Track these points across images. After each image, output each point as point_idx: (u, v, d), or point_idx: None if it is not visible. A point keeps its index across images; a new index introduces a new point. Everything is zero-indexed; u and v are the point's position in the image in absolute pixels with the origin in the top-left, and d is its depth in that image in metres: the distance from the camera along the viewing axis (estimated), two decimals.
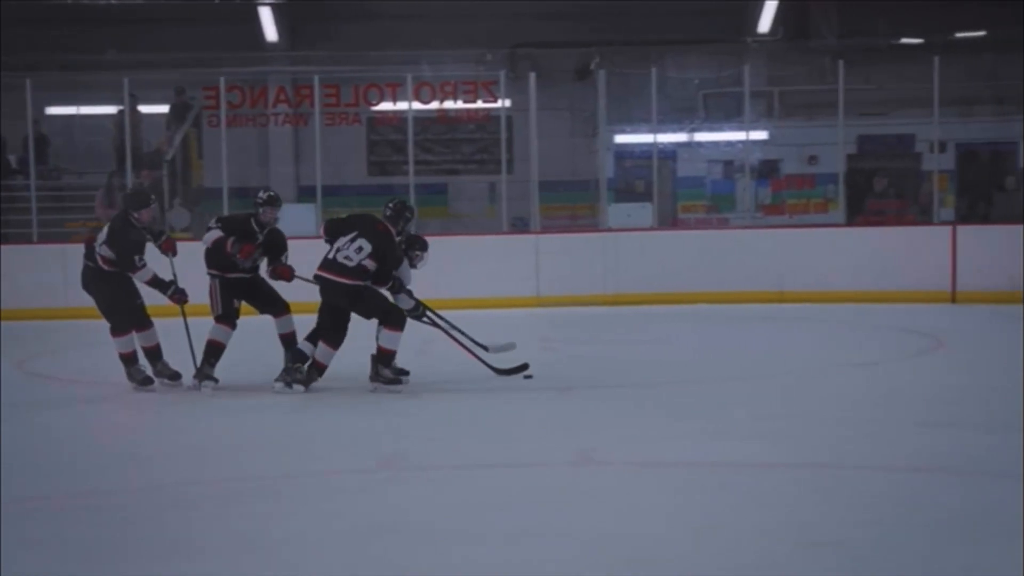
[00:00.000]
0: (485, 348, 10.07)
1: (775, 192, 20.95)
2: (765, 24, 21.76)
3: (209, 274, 9.97)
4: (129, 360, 9.97)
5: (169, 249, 9.98)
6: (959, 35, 21.53)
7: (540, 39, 20.94)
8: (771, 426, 8.24)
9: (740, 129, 18.06)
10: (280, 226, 10.11)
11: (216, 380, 9.82)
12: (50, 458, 7.68)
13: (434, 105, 19.31)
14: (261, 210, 10.03)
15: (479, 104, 19.20)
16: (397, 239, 9.70)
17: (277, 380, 9.65)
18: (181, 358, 9.96)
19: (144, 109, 19.21)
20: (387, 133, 20.26)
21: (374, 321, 9.57)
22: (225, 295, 9.92)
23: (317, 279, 9.65)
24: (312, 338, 9.75)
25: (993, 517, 5.92)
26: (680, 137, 20.54)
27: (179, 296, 9.83)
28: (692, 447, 7.63)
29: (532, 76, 17.14)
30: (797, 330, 13.92)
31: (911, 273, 15.96)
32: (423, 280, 10.02)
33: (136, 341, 9.93)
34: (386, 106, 19.79)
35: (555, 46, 20.91)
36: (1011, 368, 10.43)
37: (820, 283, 16.06)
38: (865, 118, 19.85)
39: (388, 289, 9.67)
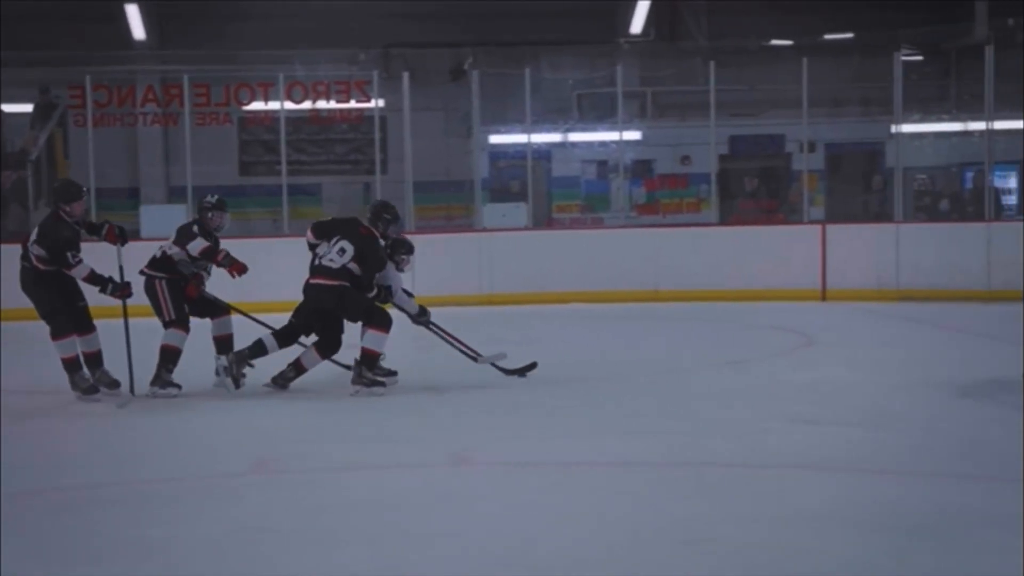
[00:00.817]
0: (475, 359, 9.99)
1: (649, 192, 21.14)
2: (637, 25, 21.91)
3: (155, 276, 9.61)
4: (72, 366, 9.41)
5: (115, 239, 9.50)
6: (828, 37, 21.89)
7: (413, 39, 20.87)
8: (645, 424, 8.27)
9: (614, 129, 18.17)
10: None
11: (179, 387, 9.53)
12: None
13: (306, 105, 19.16)
14: (210, 215, 9.80)
15: (352, 104, 19.11)
16: (381, 242, 9.63)
17: (266, 384, 9.58)
18: (119, 363, 9.57)
19: (7, 108, 18.73)
20: (259, 133, 20.04)
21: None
22: (176, 298, 9.63)
23: (305, 287, 9.57)
24: (281, 338, 9.65)
25: (859, 511, 5.99)
26: (554, 137, 20.61)
27: (122, 292, 9.34)
28: (566, 446, 7.63)
29: (405, 76, 17.04)
30: (671, 329, 14.00)
31: (782, 272, 16.15)
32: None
33: (78, 346, 9.42)
34: (257, 106, 19.57)
35: (429, 46, 20.85)
36: (878, 365, 10.63)
37: (693, 282, 16.19)
38: (736, 118, 20.11)
39: (377, 298, 9.58)
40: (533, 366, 9.99)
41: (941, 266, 15.54)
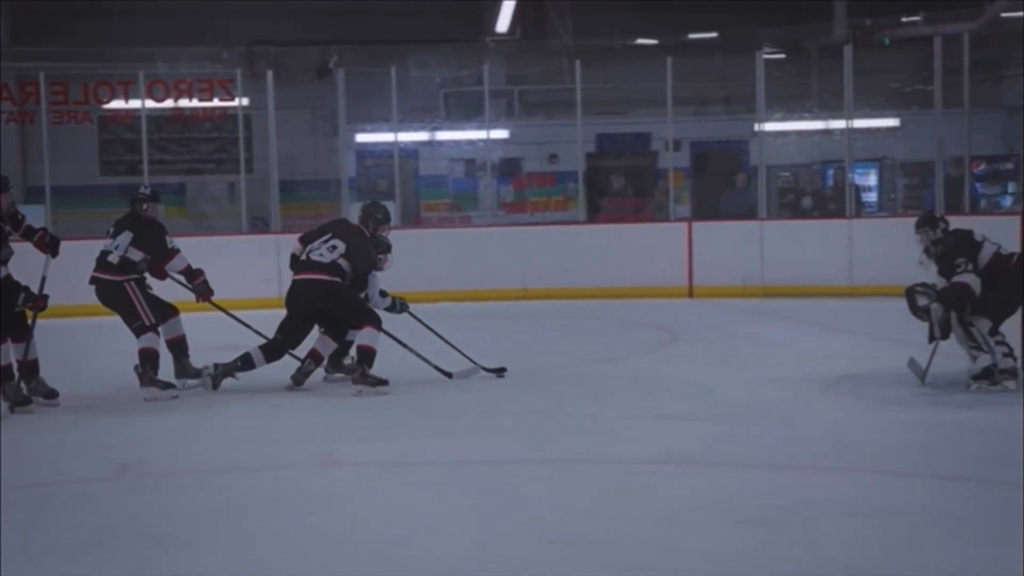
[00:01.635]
0: (449, 375, 9.84)
1: (517, 190, 21.18)
2: (503, 24, 21.94)
3: (125, 280, 9.34)
4: (4, 375, 8.81)
5: (44, 247, 9.09)
6: (692, 36, 22.14)
7: (277, 37, 20.64)
8: (512, 423, 8.27)
9: (481, 128, 18.15)
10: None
11: (175, 386, 9.39)
12: None
13: (168, 104, 18.81)
14: (145, 207, 9.59)
15: (215, 103, 18.82)
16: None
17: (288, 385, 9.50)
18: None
19: None
20: (120, 132, 19.63)
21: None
22: (147, 300, 9.41)
23: (292, 285, 9.48)
24: (269, 352, 9.55)
25: (724, 505, 6.04)
26: (422, 136, 20.55)
27: (35, 303, 8.76)
28: (434, 446, 7.59)
29: (270, 74, 16.84)
30: (541, 327, 14.01)
31: (649, 269, 16.26)
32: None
33: (11, 353, 8.88)
34: (118, 104, 19.17)
35: (293, 44, 20.64)
36: (743, 361, 10.74)
37: (562, 280, 16.23)
38: (603, 117, 20.22)
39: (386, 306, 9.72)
40: (503, 369, 9.93)
41: (804, 262, 15.75)
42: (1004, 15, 20.40)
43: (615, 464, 7.08)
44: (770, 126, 18.00)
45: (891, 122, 20.72)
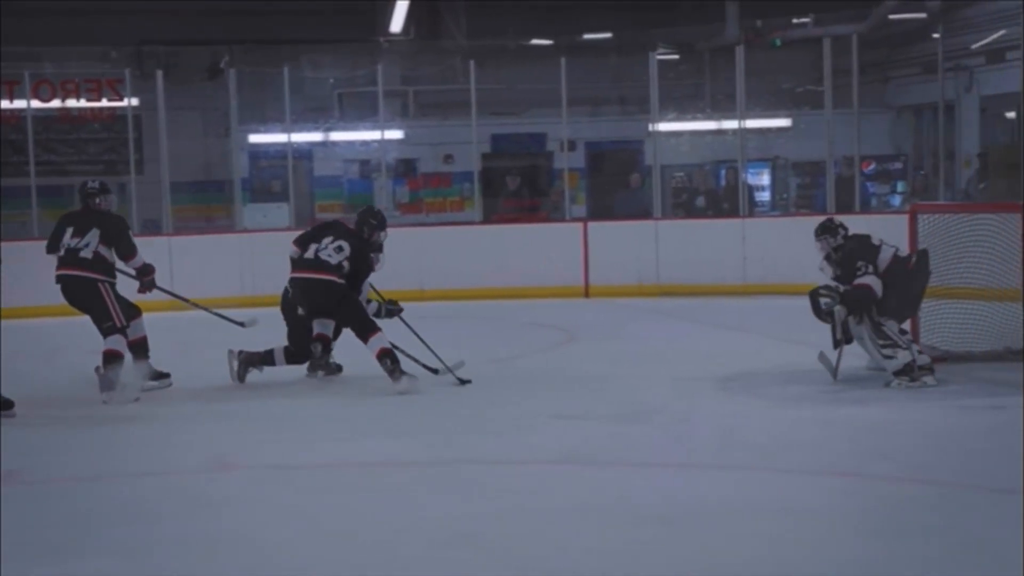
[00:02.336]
0: (435, 371, 9.82)
1: (412, 191, 21.11)
2: (397, 24, 21.83)
3: (102, 281, 9.23)
4: None
5: None
6: (586, 37, 22.21)
7: (167, 36, 20.34)
8: (406, 424, 8.24)
9: (375, 128, 18.01)
10: None
11: (137, 397, 9.20)
12: None
13: (56, 104, 18.45)
14: (98, 200, 9.49)
15: (104, 103, 18.50)
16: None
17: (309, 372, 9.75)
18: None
19: None
20: (6, 133, 19.17)
21: None
22: (119, 301, 9.30)
23: (293, 283, 9.45)
24: (290, 358, 9.67)
25: (618, 504, 6.06)
26: (315, 136, 20.37)
27: None
28: (327, 448, 7.54)
29: (159, 74, 16.57)
30: (436, 328, 13.88)
31: (545, 269, 16.25)
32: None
33: None
34: (3, 104, 18.74)
35: (183, 44, 20.36)
36: (639, 359, 10.77)
37: (458, 281, 16.16)
38: (498, 117, 20.20)
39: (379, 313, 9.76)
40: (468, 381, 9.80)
41: (699, 262, 15.85)
42: (891, 17, 20.75)
43: (511, 464, 7.07)
44: (664, 126, 18.08)
45: (783, 122, 20.94)
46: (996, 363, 9.21)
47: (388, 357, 9.32)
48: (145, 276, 9.70)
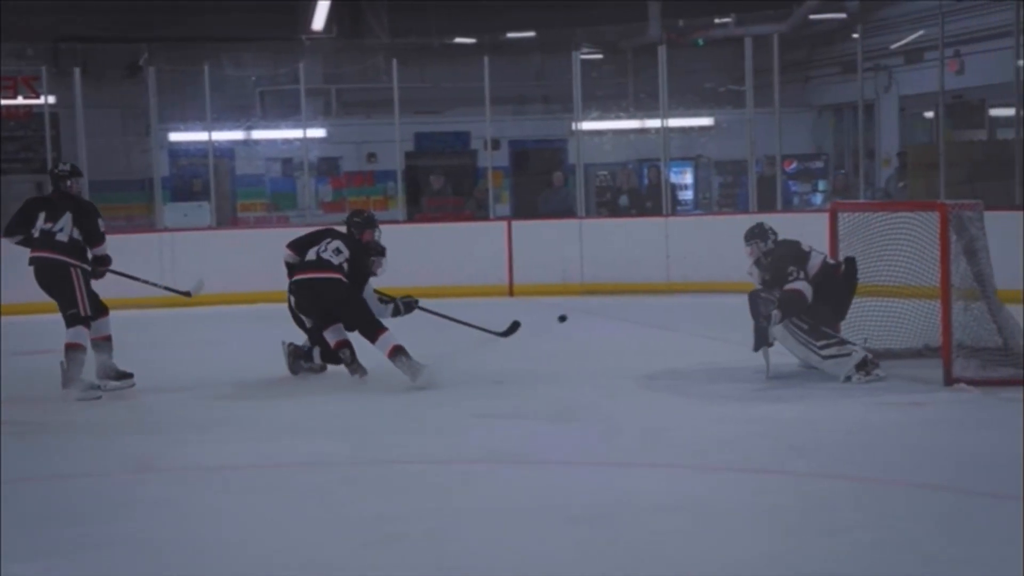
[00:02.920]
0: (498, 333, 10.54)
1: (335, 190, 21.02)
2: (319, 22, 21.71)
3: (75, 266, 9.16)
4: None
5: None
6: (510, 35, 22.21)
7: (85, 33, 20.05)
8: (332, 424, 8.20)
9: (298, 127, 17.88)
10: None
11: (99, 389, 9.18)
12: None
13: None
14: (68, 183, 9.40)
15: (20, 100, 18.22)
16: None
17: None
18: None
19: None
20: None
21: None
22: (89, 292, 9.21)
23: (298, 284, 9.43)
24: (325, 358, 9.74)
25: (545, 503, 6.04)
26: (237, 135, 20.22)
27: None
28: (253, 448, 7.48)
29: (77, 72, 16.34)
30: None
31: (470, 268, 16.22)
32: None
33: None
34: None
35: (101, 41, 20.09)
36: (564, 358, 10.76)
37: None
38: (421, 116, 20.16)
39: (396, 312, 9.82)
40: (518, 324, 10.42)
41: (623, 260, 15.89)
42: (812, 17, 20.95)
43: (434, 463, 7.04)
44: (587, 125, 18.14)
45: (705, 121, 21.09)
46: (916, 360, 9.30)
47: (401, 354, 9.28)
48: (101, 266, 9.55)
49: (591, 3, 21.23)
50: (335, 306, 9.52)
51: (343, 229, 9.98)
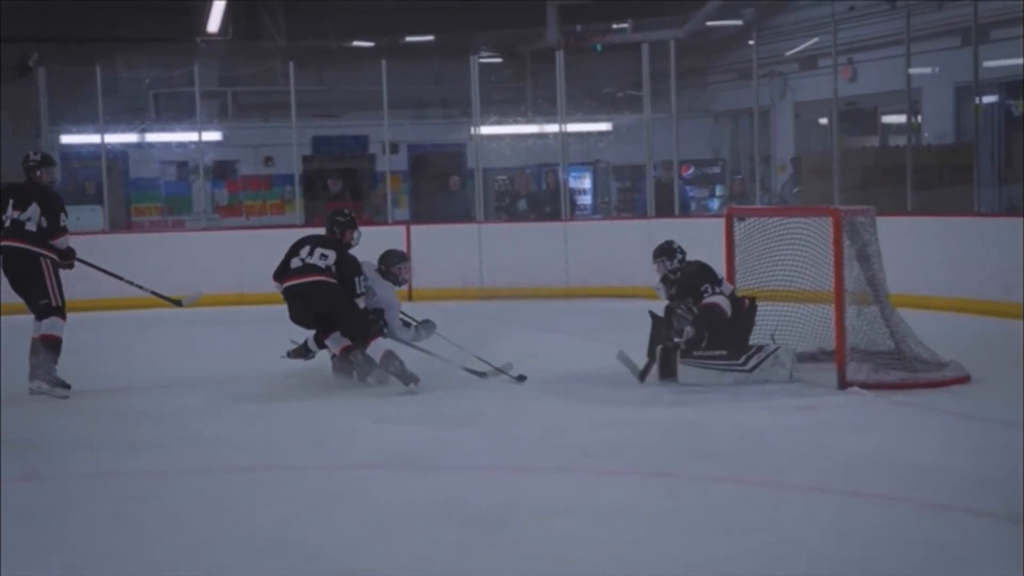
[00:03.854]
0: (482, 374, 9.69)
1: (232, 193, 20.80)
2: (214, 24, 21.45)
3: (46, 257, 9.24)
4: None
5: None
6: (408, 39, 22.13)
7: None
8: (225, 431, 8.10)
9: (193, 130, 17.65)
10: None
11: (68, 386, 9.18)
12: None
13: None
14: (39, 172, 9.41)
15: None
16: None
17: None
18: None
19: None
20: None
21: None
22: (60, 281, 9.20)
23: (287, 293, 9.22)
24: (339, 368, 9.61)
25: (436, 507, 6.02)
26: (131, 138, 19.91)
27: None
28: (144, 456, 7.36)
29: None
30: (258, 332, 13.67)
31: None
32: None
33: None
34: None
35: None
36: (462, 363, 10.71)
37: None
38: (319, 119, 20.01)
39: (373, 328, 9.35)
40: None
41: (521, 265, 15.89)
42: (708, 24, 21.13)
43: (328, 469, 6.99)
44: (486, 129, 18.11)
45: (603, 126, 21.16)
46: (810, 364, 9.38)
47: (394, 360, 9.12)
48: (66, 259, 9.55)
49: (490, 7, 21.21)
50: (328, 310, 9.34)
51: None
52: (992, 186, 16.11)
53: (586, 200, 21.88)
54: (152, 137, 20.17)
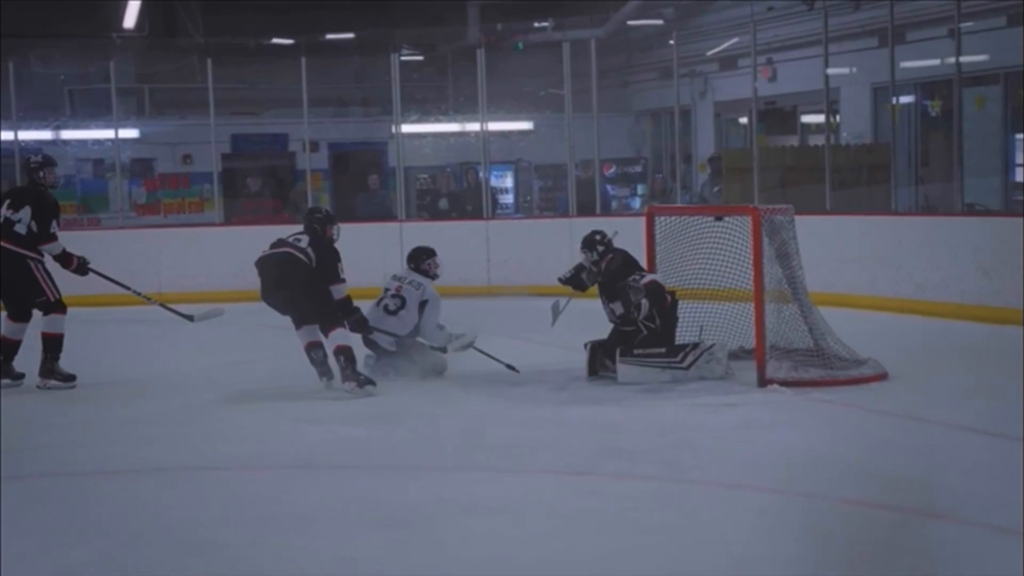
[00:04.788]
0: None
1: (149, 191, 20.57)
2: (130, 20, 21.20)
3: (34, 259, 9.40)
4: None
5: None
6: (328, 37, 22.00)
7: None
8: (146, 431, 7.99)
9: (109, 127, 17.39)
10: None
11: (75, 376, 9.40)
12: None
13: None
14: (42, 173, 9.53)
15: None
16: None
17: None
18: None
19: None
20: None
21: None
22: (51, 277, 9.32)
23: (259, 264, 9.24)
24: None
25: (358, 508, 5.99)
26: (45, 135, 19.61)
27: None
28: (71, 456, 7.26)
29: None
30: (176, 331, 13.52)
31: None
32: None
33: None
34: None
35: None
36: None
37: (199, 283, 15.76)
38: (238, 117, 19.82)
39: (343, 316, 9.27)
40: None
41: (444, 263, 15.77)
42: (629, 23, 21.20)
43: (249, 470, 6.93)
44: (407, 128, 18.03)
45: (525, 125, 21.16)
46: (730, 362, 9.42)
47: (344, 354, 8.99)
48: (69, 266, 9.78)
49: (410, 6, 21.16)
50: (292, 284, 9.18)
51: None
52: (909, 186, 16.30)
53: (508, 199, 21.88)
54: (68, 134, 19.91)
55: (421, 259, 10.37)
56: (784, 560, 5.10)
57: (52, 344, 9.46)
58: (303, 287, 9.20)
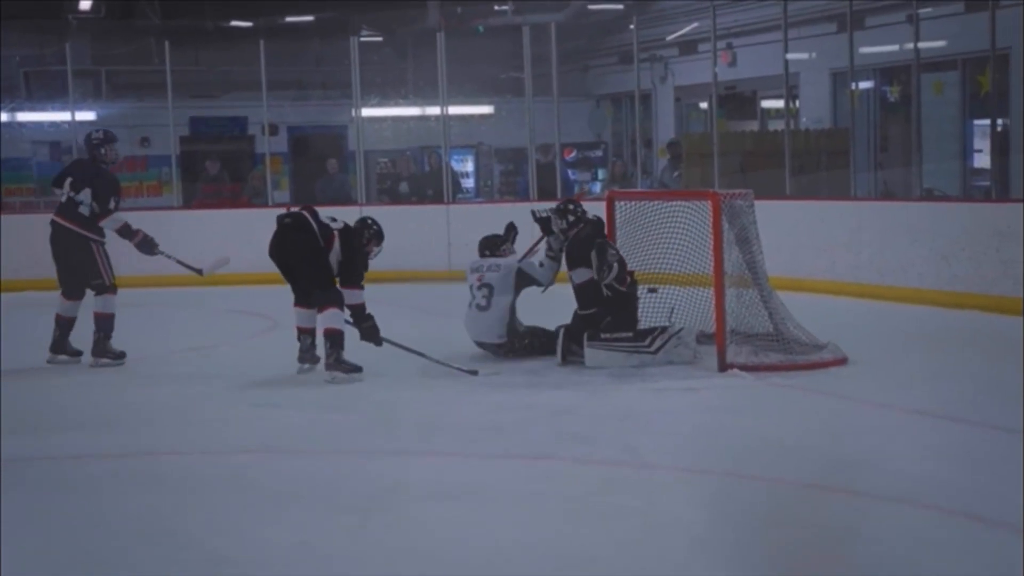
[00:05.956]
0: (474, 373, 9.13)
1: None
2: (87, 2, 21.02)
3: (96, 240, 9.53)
4: None
5: None
6: (288, 19, 21.88)
7: None
8: (102, 416, 7.97)
9: (66, 109, 17.23)
10: None
11: (124, 355, 9.59)
12: None
13: None
14: (103, 150, 9.58)
15: None
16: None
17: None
18: None
19: None
20: None
21: None
22: (109, 260, 9.44)
23: (280, 217, 9.24)
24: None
25: (316, 490, 5.99)
26: (1, 116, 19.42)
27: None
28: (14, 443, 7.12)
29: None
30: (133, 315, 13.41)
31: (249, 255, 15.74)
32: None
33: None
34: None
35: None
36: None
37: (156, 267, 15.56)
38: (197, 100, 19.70)
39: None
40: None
41: (404, 248, 15.72)
42: (590, 7, 21.19)
43: (207, 455, 6.90)
44: (367, 111, 17.94)
45: (485, 109, 21.12)
46: (699, 346, 9.42)
47: (332, 339, 8.88)
48: (135, 238, 9.98)
49: None
50: (300, 248, 9.13)
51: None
52: (868, 171, 16.37)
53: (469, 183, 21.85)
54: (23, 116, 19.76)
55: (497, 245, 10.32)
56: (743, 544, 5.12)
57: (104, 323, 9.56)
58: (305, 250, 9.16)
